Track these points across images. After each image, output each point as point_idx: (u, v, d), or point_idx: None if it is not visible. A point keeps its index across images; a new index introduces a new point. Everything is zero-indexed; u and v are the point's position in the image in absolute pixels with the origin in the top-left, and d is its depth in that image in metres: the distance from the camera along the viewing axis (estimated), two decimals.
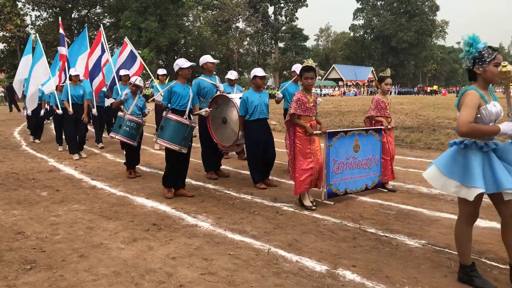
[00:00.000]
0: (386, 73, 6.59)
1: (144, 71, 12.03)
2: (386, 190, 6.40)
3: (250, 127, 6.57)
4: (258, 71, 6.82)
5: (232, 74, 8.40)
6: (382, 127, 6.32)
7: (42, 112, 11.80)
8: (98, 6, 54.89)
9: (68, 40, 41.02)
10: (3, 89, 36.02)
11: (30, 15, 53.53)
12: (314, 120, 5.59)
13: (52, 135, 12.76)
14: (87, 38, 12.34)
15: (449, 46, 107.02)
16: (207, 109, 6.40)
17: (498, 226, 4.78)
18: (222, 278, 3.51)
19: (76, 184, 7.00)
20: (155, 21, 46.88)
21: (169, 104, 6.11)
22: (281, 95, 7.75)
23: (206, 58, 7.37)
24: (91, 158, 9.45)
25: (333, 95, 59.91)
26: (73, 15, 53.57)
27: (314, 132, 5.50)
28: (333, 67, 72.88)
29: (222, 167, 7.94)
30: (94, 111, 10.77)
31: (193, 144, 6.44)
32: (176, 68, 6.12)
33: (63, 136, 10.76)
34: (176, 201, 5.93)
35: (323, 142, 5.63)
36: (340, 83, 69.52)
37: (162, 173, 7.77)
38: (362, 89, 68.95)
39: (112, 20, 55.61)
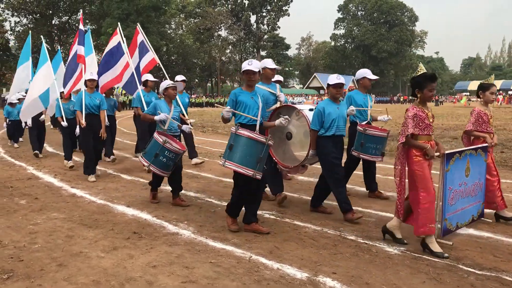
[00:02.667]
0: (490, 80, 5.68)
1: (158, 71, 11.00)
2: (504, 220, 5.31)
3: (325, 144, 5.44)
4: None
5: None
6: (486, 144, 5.32)
7: (28, 122, 10.78)
8: (79, 13, 54.51)
9: (48, 46, 40.62)
10: None
11: (10, 21, 52.76)
12: (433, 140, 4.46)
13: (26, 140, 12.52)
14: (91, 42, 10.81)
15: (428, 55, 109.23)
16: (286, 117, 5.23)
17: (475, 233, 4.92)
18: (203, 286, 3.50)
19: (55, 192, 6.91)
20: None
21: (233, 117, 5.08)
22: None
23: (265, 63, 6.06)
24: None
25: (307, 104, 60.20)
26: (53, 22, 53.04)
27: (436, 154, 4.38)
28: (315, 75, 73.48)
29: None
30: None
31: None
32: (244, 67, 4.97)
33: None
34: (157, 209, 5.89)
35: (436, 166, 4.72)
36: (322, 91, 70.09)
37: (144, 180, 7.76)
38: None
39: (93, 27, 55.27)
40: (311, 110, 5.77)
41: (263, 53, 72.33)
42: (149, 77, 9.22)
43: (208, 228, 5.06)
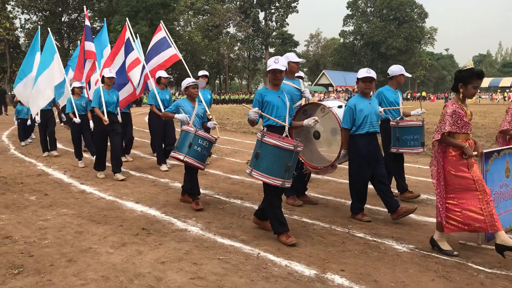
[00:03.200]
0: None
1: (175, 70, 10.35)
2: None
3: (357, 143, 5.13)
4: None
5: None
6: None
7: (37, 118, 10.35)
8: (88, 10, 54.71)
9: (57, 44, 40.87)
10: None
11: (20, 18, 53.12)
12: (471, 139, 4.22)
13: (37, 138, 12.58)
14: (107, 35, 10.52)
15: (437, 53, 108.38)
16: (315, 118, 4.76)
17: None
18: (211, 283, 3.51)
19: (65, 189, 6.96)
20: (146, 26, 46.83)
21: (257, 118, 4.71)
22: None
23: (289, 57, 5.66)
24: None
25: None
26: (63, 19, 53.32)
27: (474, 153, 4.13)
28: (323, 72, 73.17)
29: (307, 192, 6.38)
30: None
31: None
32: (267, 67, 4.72)
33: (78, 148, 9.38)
34: (165, 206, 5.92)
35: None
36: (330, 88, 69.88)
37: (152, 177, 7.79)
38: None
39: (102, 24, 55.47)
40: (340, 107, 5.45)
41: (271, 50, 72.16)
42: (162, 73, 8.89)
43: (216, 225, 5.07)
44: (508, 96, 49.57)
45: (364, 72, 5.10)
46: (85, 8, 10.36)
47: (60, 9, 51.50)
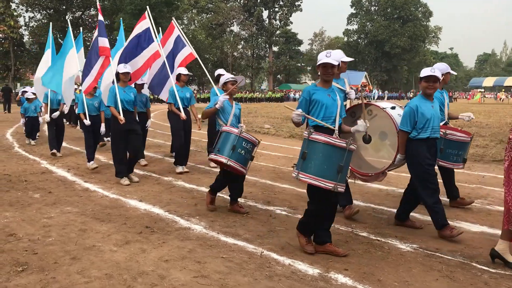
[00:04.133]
0: None
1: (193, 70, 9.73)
2: None
3: (417, 148, 4.64)
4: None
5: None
6: None
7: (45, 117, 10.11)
8: (92, 8, 54.77)
9: (61, 41, 40.92)
10: None
11: (24, 16, 53.33)
12: None
13: (45, 136, 12.58)
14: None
15: (442, 51, 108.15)
16: (366, 124, 4.27)
17: (489, 230, 4.86)
18: (214, 281, 3.51)
19: (68, 186, 6.97)
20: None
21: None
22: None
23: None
24: (85, 160, 9.40)
25: None
26: (67, 17, 53.42)
27: None
28: None
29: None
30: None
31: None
32: (318, 61, 4.23)
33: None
34: (169, 204, 5.92)
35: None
36: None
37: (156, 175, 7.80)
38: None
39: (106, 22, 55.52)
40: (393, 108, 5.00)
41: (275, 48, 72.19)
42: (182, 70, 8.31)
43: (220, 223, 5.07)
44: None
45: (427, 71, 4.63)
46: (97, 2, 10.04)
47: (64, 7, 51.59)
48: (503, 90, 62.10)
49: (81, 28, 14.40)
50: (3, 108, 28.01)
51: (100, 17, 8.69)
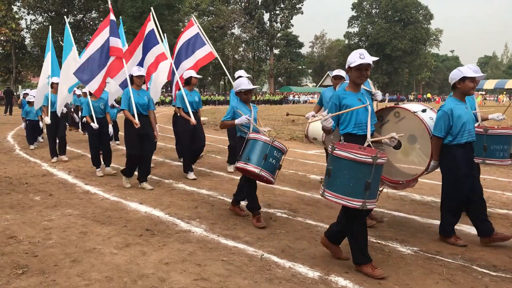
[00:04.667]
0: None
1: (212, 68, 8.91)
2: None
3: (453, 154, 4.39)
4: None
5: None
6: None
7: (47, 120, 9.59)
8: (93, 11, 54.90)
9: (62, 44, 40.96)
10: None
11: (25, 19, 53.43)
12: None
13: (46, 138, 12.50)
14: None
15: (442, 54, 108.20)
16: (395, 135, 3.85)
17: None
18: (215, 284, 3.51)
19: (69, 189, 6.98)
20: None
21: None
22: None
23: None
24: (86, 162, 9.41)
25: (311, 102, 60.18)
26: (68, 20, 53.61)
27: None
28: (328, 74, 73.17)
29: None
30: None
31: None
32: (350, 63, 3.88)
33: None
34: (169, 207, 5.92)
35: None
36: None
37: (156, 178, 7.80)
38: None
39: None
40: (423, 111, 4.65)
41: (276, 51, 72.30)
42: (192, 73, 8.01)
43: (220, 226, 5.07)
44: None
45: (470, 71, 4.42)
46: (109, 1, 9.61)
47: (65, 10, 51.72)
48: (504, 92, 62.12)
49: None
50: (4, 110, 28.05)
51: (112, 17, 8.25)
